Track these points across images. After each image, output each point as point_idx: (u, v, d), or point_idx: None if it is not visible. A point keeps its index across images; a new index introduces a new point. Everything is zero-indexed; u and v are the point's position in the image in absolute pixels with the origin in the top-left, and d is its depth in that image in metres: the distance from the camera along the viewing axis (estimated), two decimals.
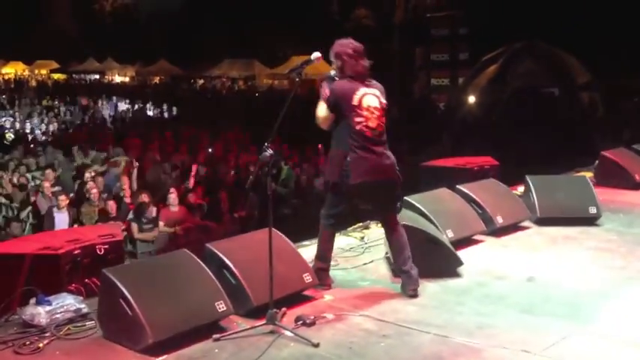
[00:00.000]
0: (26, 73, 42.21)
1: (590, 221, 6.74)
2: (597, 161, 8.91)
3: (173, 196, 9.75)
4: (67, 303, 4.18)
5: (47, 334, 3.95)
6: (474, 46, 25.31)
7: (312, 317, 4.23)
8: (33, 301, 4.13)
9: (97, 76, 39.97)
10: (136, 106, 28.30)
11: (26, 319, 4.04)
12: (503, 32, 21.73)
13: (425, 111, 22.93)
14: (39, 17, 43.55)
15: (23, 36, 42.41)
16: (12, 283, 4.35)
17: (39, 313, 4.04)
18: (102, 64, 39.55)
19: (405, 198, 6.13)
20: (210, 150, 14.87)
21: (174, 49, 35.69)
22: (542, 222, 6.75)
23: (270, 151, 4.12)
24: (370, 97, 4.61)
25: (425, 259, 4.92)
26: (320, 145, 13.04)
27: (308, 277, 4.66)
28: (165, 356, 3.76)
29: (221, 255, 4.44)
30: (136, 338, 3.78)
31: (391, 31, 28.82)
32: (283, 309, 4.30)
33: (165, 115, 27.10)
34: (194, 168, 11.69)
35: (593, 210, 6.77)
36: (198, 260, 4.36)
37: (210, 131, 17.53)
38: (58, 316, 4.07)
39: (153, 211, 9.59)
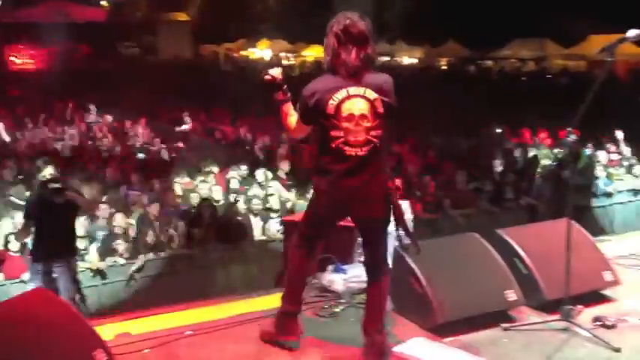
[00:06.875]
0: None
1: None
2: None
3: None
4: (360, 273, 4.40)
5: (343, 301, 4.20)
6: None
7: (613, 319, 3.89)
8: (330, 268, 4.42)
9: (387, 59, 40.97)
10: None
11: (325, 284, 4.35)
12: None
13: None
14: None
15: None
16: None
17: (336, 280, 4.32)
18: (392, 46, 40.48)
19: None
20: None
21: (463, 30, 35.17)
22: None
23: (573, 137, 3.86)
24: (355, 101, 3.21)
25: None
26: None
27: (609, 276, 4.28)
28: (452, 338, 3.75)
29: (513, 243, 4.29)
30: (424, 316, 3.84)
31: None
32: (579, 307, 4.00)
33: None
34: None
35: None
36: (488, 245, 4.26)
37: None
38: (352, 284, 4.30)
39: None
